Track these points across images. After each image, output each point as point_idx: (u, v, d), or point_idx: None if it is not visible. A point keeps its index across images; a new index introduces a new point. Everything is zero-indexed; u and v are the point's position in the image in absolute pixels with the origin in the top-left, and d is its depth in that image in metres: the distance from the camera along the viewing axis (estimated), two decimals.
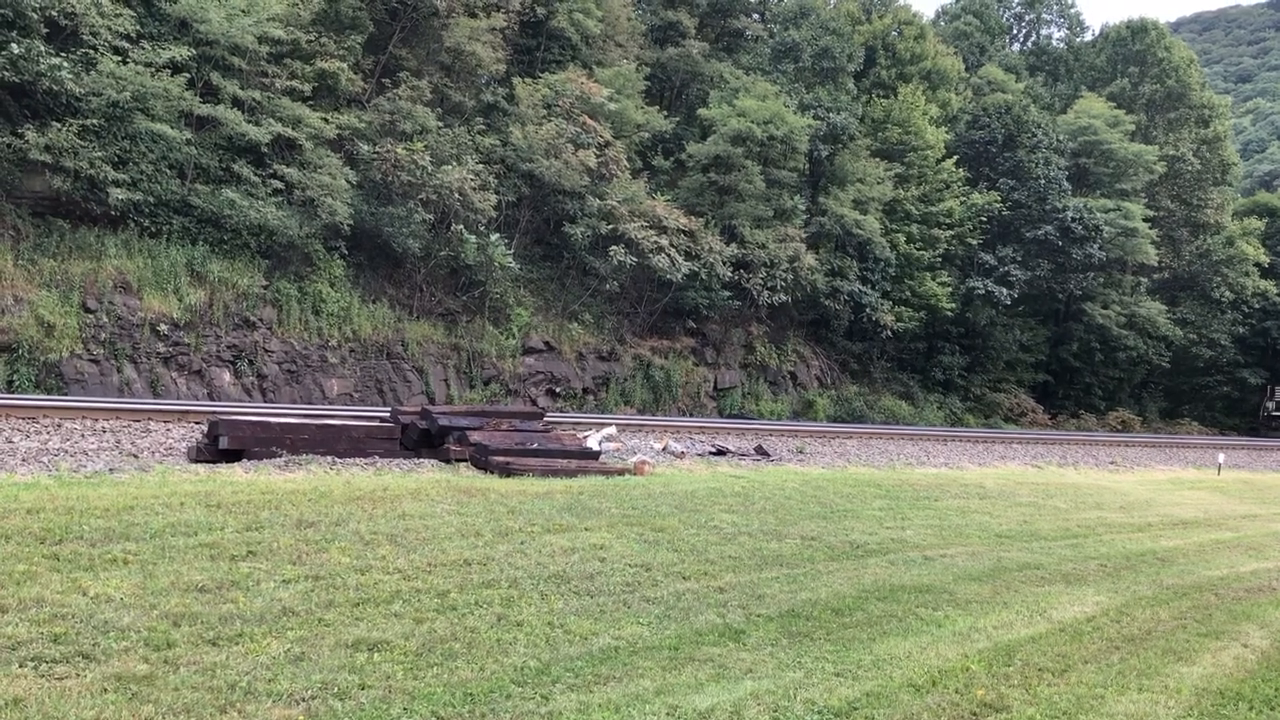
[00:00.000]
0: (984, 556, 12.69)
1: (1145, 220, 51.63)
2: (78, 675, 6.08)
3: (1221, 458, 33.49)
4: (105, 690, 5.91)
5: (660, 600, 8.98)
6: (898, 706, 6.74)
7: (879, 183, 42.42)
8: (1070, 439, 37.01)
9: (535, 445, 16.43)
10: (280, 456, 14.18)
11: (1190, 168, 59.36)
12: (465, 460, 15.78)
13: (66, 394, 20.17)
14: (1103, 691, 7.51)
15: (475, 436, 16.08)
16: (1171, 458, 35.03)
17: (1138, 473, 29.11)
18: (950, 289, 44.98)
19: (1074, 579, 11.85)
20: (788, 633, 8.36)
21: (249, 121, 24.85)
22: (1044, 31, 71.44)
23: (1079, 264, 48.64)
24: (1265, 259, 60.10)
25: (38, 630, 6.64)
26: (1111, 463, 30.80)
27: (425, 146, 28.19)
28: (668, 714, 6.21)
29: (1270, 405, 55.44)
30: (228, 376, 23.90)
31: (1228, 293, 58.49)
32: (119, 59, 22.87)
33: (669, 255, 32.44)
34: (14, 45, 21.18)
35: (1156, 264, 55.06)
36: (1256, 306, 59.93)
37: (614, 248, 31.58)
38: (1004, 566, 12.12)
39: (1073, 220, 47.38)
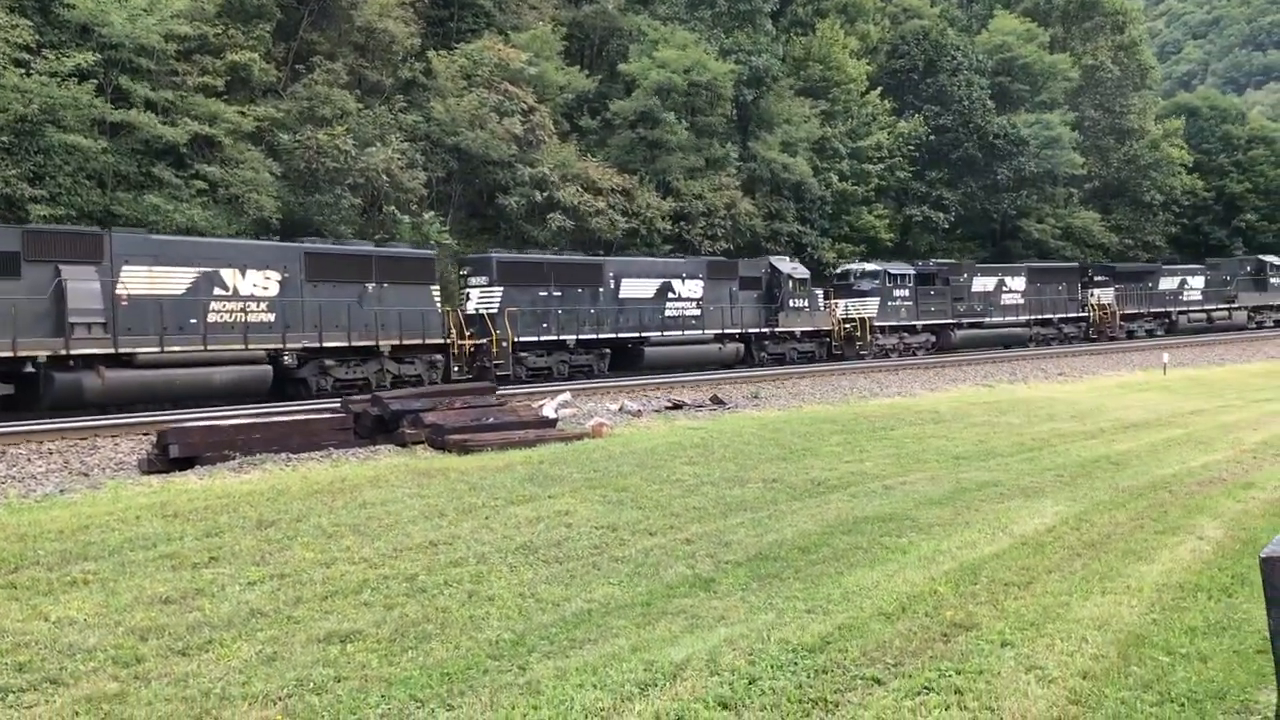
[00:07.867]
0: (943, 480, 12.86)
1: (1068, 126, 52.25)
2: (47, 701, 5.99)
3: (1166, 357, 34.14)
4: (77, 713, 5.83)
5: (629, 559, 9.01)
6: (870, 636, 6.83)
7: (805, 121, 42.48)
8: (1018, 355, 37.53)
9: (491, 420, 16.38)
10: (233, 459, 14.03)
11: (1110, 75, 60.00)
12: (422, 442, 15.71)
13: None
14: (1067, 599, 7.66)
15: (430, 417, 16.00)
16: (1119, 363, 35.68)
17: (1087, 381, 29.62)
18: (887, 220, 45.31)
19: (1032, 492, 12.05)
20: (757, 576, 8.42)
21: (164, 123, 24.35)
22: None
23: (1009, 181, 49.14)
24: (1190, 158, 61.08)
25: (1, 661, 6.53)
26: (1060, 374, 31.31)
27: (347, 130, 27.77)
28: (644, 669, 6.24)
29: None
30: None
31: (1158, 195, 59.44)
32: (21, 71, 22.23)
33: (607, 216, 32.31)
34: None
35: (1085, 174, 55.74)
36: (1187, 204, 61.01)
37: (551, 214, 31.39)
38: (963, 487, 12.29)
39: (995, 136, 47.84)
